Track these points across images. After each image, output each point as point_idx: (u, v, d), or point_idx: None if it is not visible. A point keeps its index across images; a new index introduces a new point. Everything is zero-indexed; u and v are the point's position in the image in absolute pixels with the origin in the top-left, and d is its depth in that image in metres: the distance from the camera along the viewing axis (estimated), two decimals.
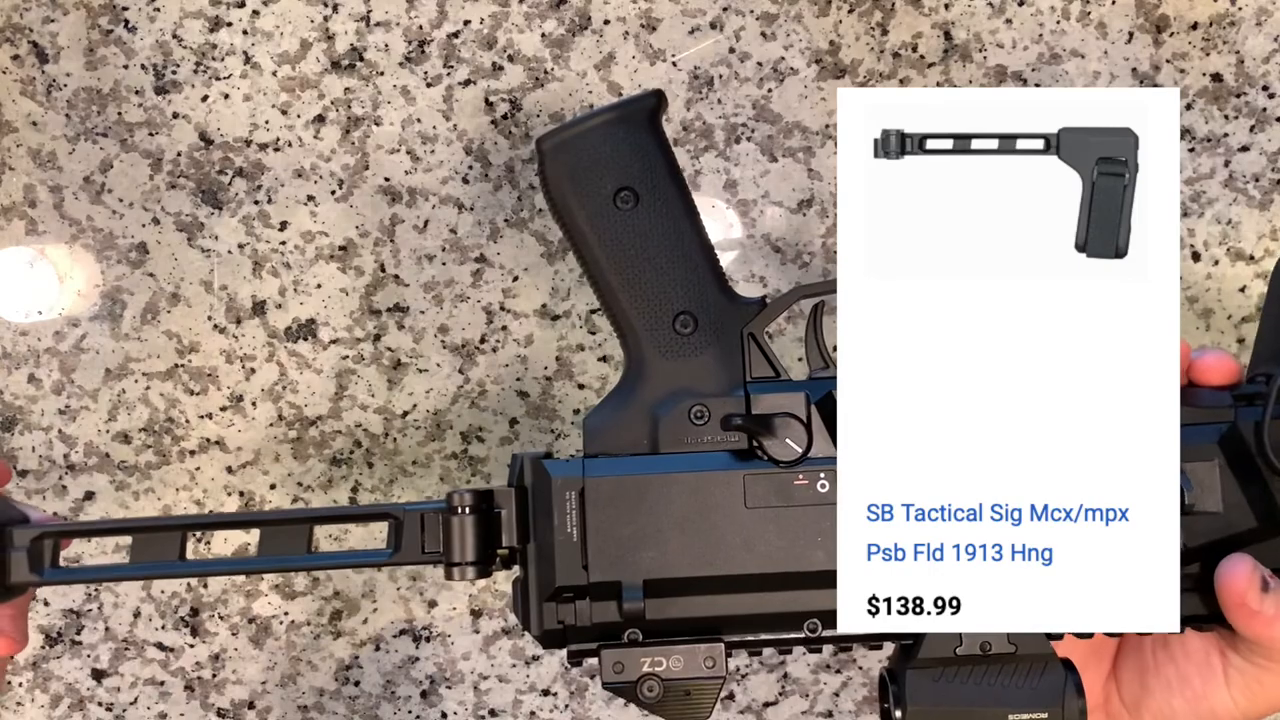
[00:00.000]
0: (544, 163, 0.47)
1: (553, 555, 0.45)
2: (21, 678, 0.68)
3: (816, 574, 0.45)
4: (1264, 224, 0.66)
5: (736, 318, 0.47)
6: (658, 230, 0.47)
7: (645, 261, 0.47)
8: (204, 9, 0.65)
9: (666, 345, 0.47)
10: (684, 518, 0.45)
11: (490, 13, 0.65)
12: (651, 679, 0.45)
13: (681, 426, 0.47)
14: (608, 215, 0.46)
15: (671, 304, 0.47)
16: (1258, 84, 0.66)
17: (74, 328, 0.66)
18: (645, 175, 0.46)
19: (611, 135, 0.47)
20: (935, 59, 0.66)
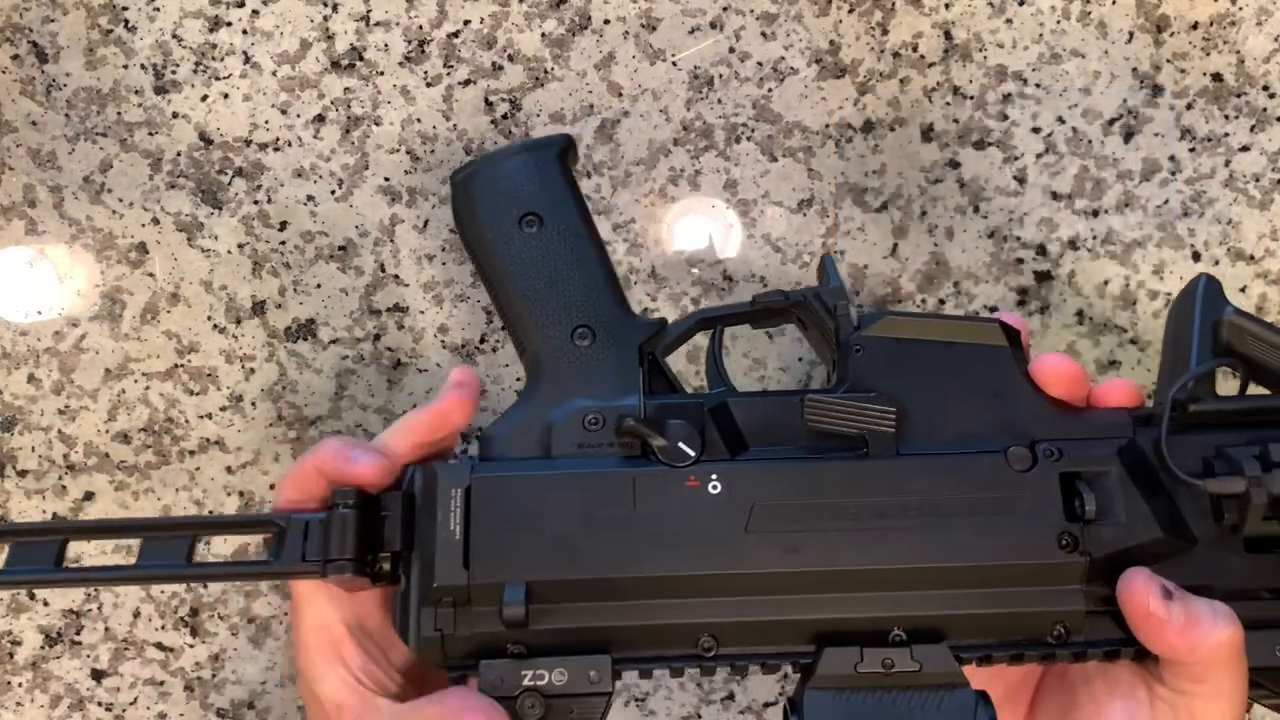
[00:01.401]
0: (456, 192, 0.50)
1: (433, 554, 0.44)
2: (21, 678, 0.68)
3: (707, 579, 0.44)
4: (1264, 224, 0.66)
5: (635, 334, 0.48)
6: (559, 251, 0.49)
7: (546, 278, 0.49)
8: (204, 9, 0.65)
9: (564, 355, 0.48)
10: (571, 519, 0.44)
11: (490, 12, 0.65)
12: (532, 694, 0.43)
13: (575, 432, 0.46)
14: (513, 237, 0.49)
15: (570, 317, 0.48)
16: (1258, 84, 0.66)
17: (74, 328, 0.66)
18: (549, 203, 0.49)
19: (520, 166, 0.50)
20: (935, 59, 0.66)
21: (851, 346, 0.47)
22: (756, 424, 0.47)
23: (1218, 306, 0.46)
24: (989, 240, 0.66)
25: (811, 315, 0.49)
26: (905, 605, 0.44)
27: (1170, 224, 0.66)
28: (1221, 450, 0.44)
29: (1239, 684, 0.42)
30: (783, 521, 0.44)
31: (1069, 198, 0.66)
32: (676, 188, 0.66)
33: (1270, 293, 0.66)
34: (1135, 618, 0.42)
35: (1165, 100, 0.66)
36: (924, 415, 0.46)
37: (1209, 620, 0.41)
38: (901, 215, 0.66)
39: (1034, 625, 0.44)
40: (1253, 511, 0.43)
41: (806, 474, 0.45)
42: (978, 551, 0.44)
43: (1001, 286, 0.66)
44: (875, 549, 0.44)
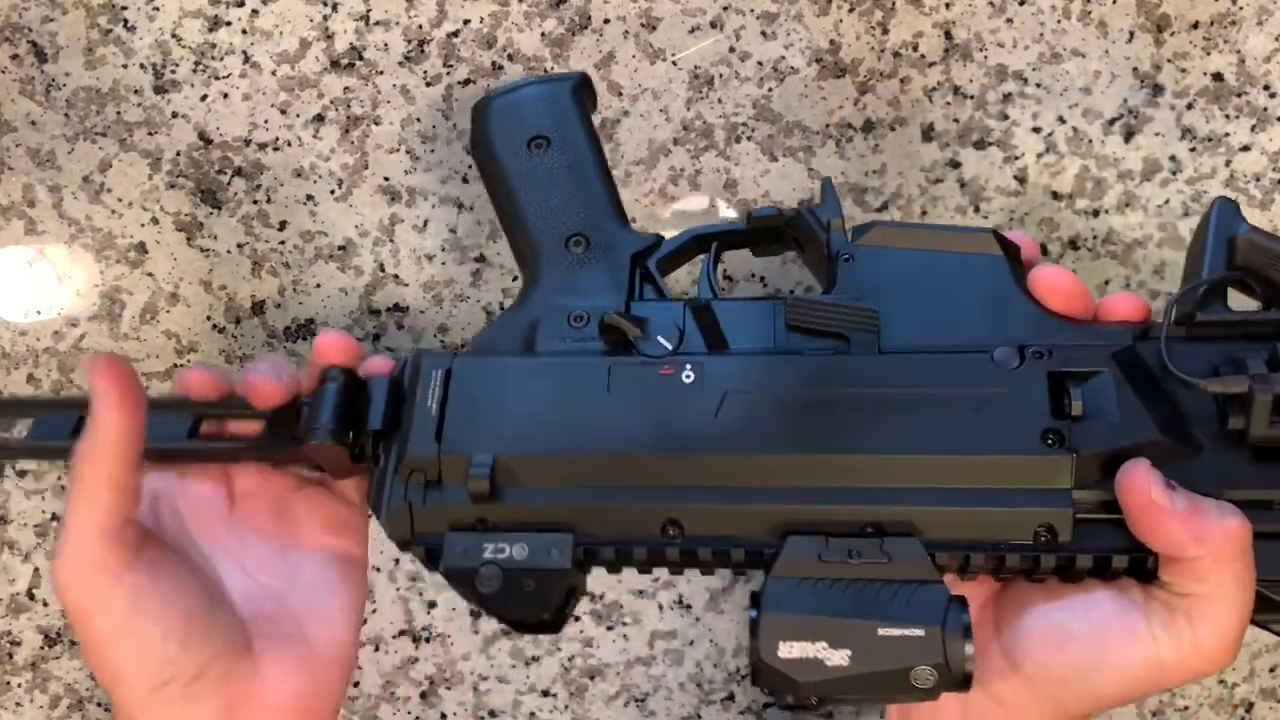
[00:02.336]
0: (475, 117, 0.53)
1: (410, 429, 0.45)
2: (21, 678, 0.68)
3: (673, 463, 0.43)
4: (1265, 223, 0.66)
5: (628, 245, 0.50)
6: (563, 169, 0.52)
7: (547, 191, 0.51)
8: (203, 8, 0.65)
9: (558, 260, 0.50)
10: (545, 402, 0.45)
11: (490, 12, 0.65)
12: (491, 566, 0.43)
13: (560, 328, 0.48)
14: (521, 157, 0.52)
15: (567, 226, 0.51)
16: (1259, 83, 0.66)
17: (73, 327, 0.66)
18: (558, 127, 0.52)
19: (535, 94, 0.53)
20: (936, 58, 0.65)
21: (841, 255, 0.47)
22: (739, 326, 0.47)
23: (1233, 224, 0.45)
24: None
25: (806, 230, 0.49)
26: (877, 498, 0.42)
27: (1171, 224, 0.66)
28: (1230, 355, 0.43)
29: (1243, 586, 0.40)
30: (754, 411, 0.44)
31: (1069, 197, 0.66)
32: (676, 188, 0.66)
33: None
34: (1135, 508, 0.40)
35: (1166, 100, 0.66)
36: (913, 321, 0.46)
37: (1215, 510, 0.39)
38: (902, 215, 0.66)
39: (1017, 525, 0.42)
40: (1257, 411, 0.41)
41: (782, 366, 0.45)
42: (956, 444, 0.42)
43: None
44: (847, 439, 0.43)
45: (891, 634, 0.40)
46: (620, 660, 0.69)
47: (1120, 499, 0.41)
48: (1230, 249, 0.44)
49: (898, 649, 0.40)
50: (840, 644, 0.40)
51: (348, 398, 0.47)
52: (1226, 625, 0.40)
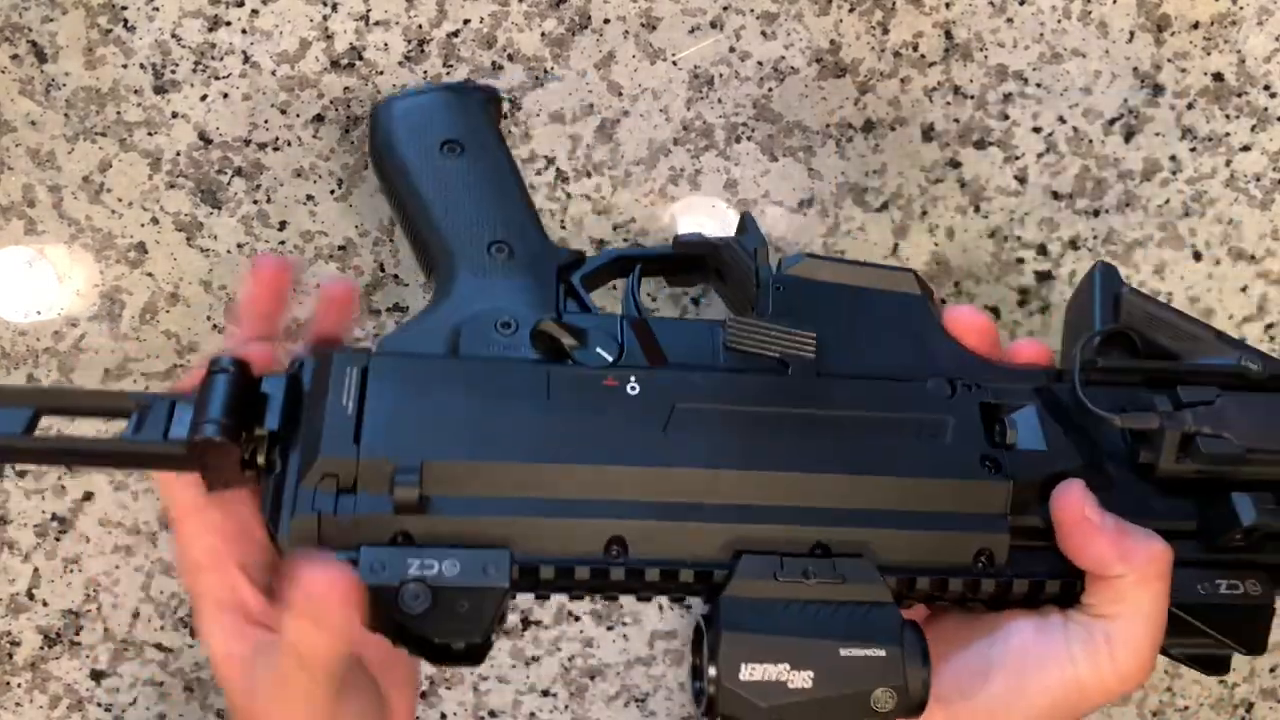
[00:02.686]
0: (376, 118, 0.51)
1: (320, 429, 0.40)
2: (20, 678, 0.68)
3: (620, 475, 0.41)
4: (1265, 224, 0.66)
5: (552, 257, 0.48)
6: (480, 175, 0.50)
7: (465, 196, 0.49)
8: (203, 8, 0.65)
9: (478, 265, 0.47)
10: (477, 405, 0.41)
11: (490, 12, 0.65)
12: (418, 584, 0.37)
13: (486, 334, 0.44)
14: (433, 159, 0.50)
15: (489, 232, 0.48)
16: (1259, 83, 0.66)
17: (73, 328, 0.66)
18: (471, 134, 0.50)
19: (444, 100, 0.51)
20: (936, 58, 0.65)
21: (771, 285, 0.47)
22: (677, 344, 0.46)
23: (1115, 283, 0.48)
24: (989, 240, 0.66)
25: (733, 258, 0.49)
26: (827, 519, 0.42)
27: (1171, 224, 0.66)
28: (1133, 398, 0.45)
29: (1160, 608, 0.41)
30: (703, 425, 0.42)
31: (1070, 197, 0.66)
32: (676, 188, 0.66)
33: (1271, 293, 0.66)
34: (1067, 523, 0.41)
35: (1166, 100, 0.66)
36: (845, 350, 0.46)
37: (1140, 533, 0.41)
38: (902, 215, 0.66)
39: (958, 549, 0.42)
40: (1166, 448, 0.43)
41: (730, 383, 0.44)
42: (902, 467, 0.43)
43: (1002, 286, 0.66)
44: (798, 458, 0.42)
45: (854, 654, 0.39)
46: (620, 660, 0.69)
47: (1054, 515, 0.42)
48: (1115, 306, 0.48)
49: (859, 670, 0.39)
50: (803, 665, 0.38)
51: (240, 391, 0.41)
52: (1143, 645, 0.41)
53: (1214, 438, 0.44)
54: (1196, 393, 0.45)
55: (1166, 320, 0.48)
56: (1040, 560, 0.43)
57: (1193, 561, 0.44)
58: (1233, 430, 0.44)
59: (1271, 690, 0.69)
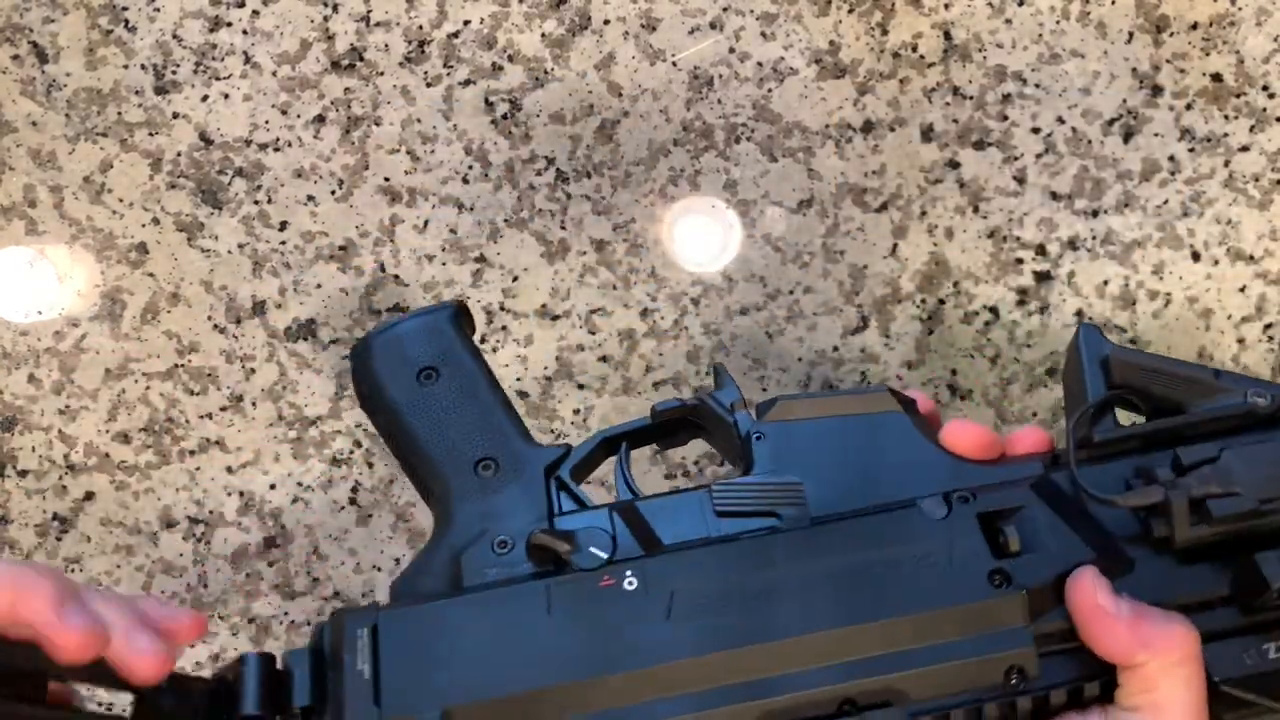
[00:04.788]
0: (355, 364, 0.52)
1: (343, 699, 0.41)
2: None
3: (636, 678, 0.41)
4: (1264, 224, 0.66)
5: (538, 460, 0.49)
6: (457, 396, 0.51)
7: (446, 421, 0.50)
8: (204, 9, 0.65)
9: (469, 488, 0.48)
10: (485, 640, 0.42)
11: (490, 13, 0.65)
12: None
13: (485, 558, 0.45)
14: (413, 392, 0.51)
15: (472, 452, 0.49)
16: (1257, 84, 0.66)
17: (74, 328, 0.66)
18: (444, 356, 0.52)
19: (413, 329, 0.52)
20: (935, 59, 0.66)
21: (753, 435, 0.47)
22: (668, 521, 0.46)
23: (1100, 345, 0.47)
24: (989, 240, 0.66)
25: (711, 416, 0.49)
26: (849, 674, 0.42)
27: (1170, 224, 0.66)
28: (1136, 468, 0.44)
29: (1193, 692, 0.40)
30: (707, 605, 0.43)
31: (1069, 198, 0.66)
32: (676, 188, 0.66)
33: (1269, 293, 0.67)
34: (1083, 614, 0.41)
35: (1165, 100, 0.66)
36: (834, 486, 0.46)
37: (1160, 617, 0.40)
38: (901, 215, 0.66)
39: (986, 673, 0.42)
40: (1177, 518, 0.42)
41: (724, 554, 0.44)
42: (912, 604, 0.42)
43: (1001, 286, 0.66)
44: (805, 619, 0.42)
45: None
46: None
47: (1070, 608, 0.41)
48: (1106, 369, 0.46)
49: None
50: None
51: (266, 678, 0.42)
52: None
53: (1224, 497, 0.42)
54: (1199, 451, 0.43)
55: (1161, 370, 0.46)
56: (1074, 661, 0.42)
57: (1234, 630, 0.42)
58: (1242, 484, 0.42)
59: None
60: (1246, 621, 0.42)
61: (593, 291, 0.66)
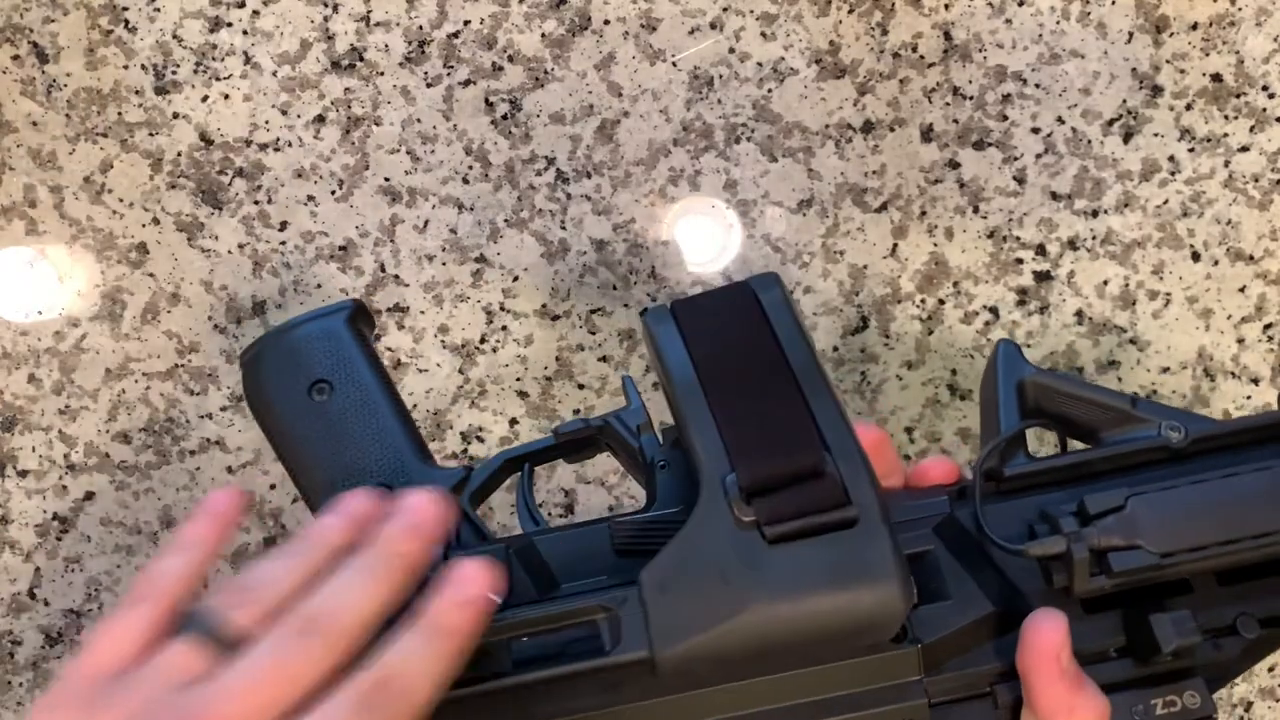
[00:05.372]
0: (245, 372, 0.49)
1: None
2: (21, 678, 0.68)
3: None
4: (1264, 224, 0.66)
5: (435, 484, 0.46)
6: (351, 414, 0.48)
7: (339, 442, 0.47)
8: (204, 9, 0.65)
9: None
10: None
11: (490, 13, 0.65)
12: None
13: None
14: (303, 407, 0.48)
15: (367, 477, 0.47)
16: (1257, 84, 0.66)
17: (74, 328, 0.66)
18: (338, 368, 0.48)
19: (306, 336, 0.49)
20: (935, 59, 0.66)
21: (657, 464, 0.45)
22: (566, 558, 0.44)
23: (1018, 367, 0.45)
24: (989, 240, 0.66)
25: (616, 439, 0.47)
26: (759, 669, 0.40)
27: (1170, 224, 0.66)
28: (1042, 511, 0.42)
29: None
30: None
31: (1068, 198, 0.66)
32: (676, 188, 0.66)
33: (1269, 293, 0.67)
34: (1036, 660, 0.40)
35: (1165, 100, 0.66)
36: None
37: (1092, 688, 0.40)
38: (901, 215, 0.66)
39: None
40: (1078, 569, 0.40)
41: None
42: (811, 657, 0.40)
43: (1001, 287, 0.66)
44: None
45: None
46: None
47: (1025, 641, 0.40)
48: (1021, 394, 0.45)
49: None
50: None
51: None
52: None
53: (1126, 550, 0.41)
54: (1105, 499, 0.41)
55: (1078, 397, 0.45)
56: (968, 713, 0.41)
57: (1125, 683, 0.42)
58: (1146, 535, 0.41)
59: (1271, 690, 0.69)
60: (1137, 674, 0.42)
61: (593, 291, 0.66)
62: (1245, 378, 0.67)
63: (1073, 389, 0.45)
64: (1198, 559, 0.41)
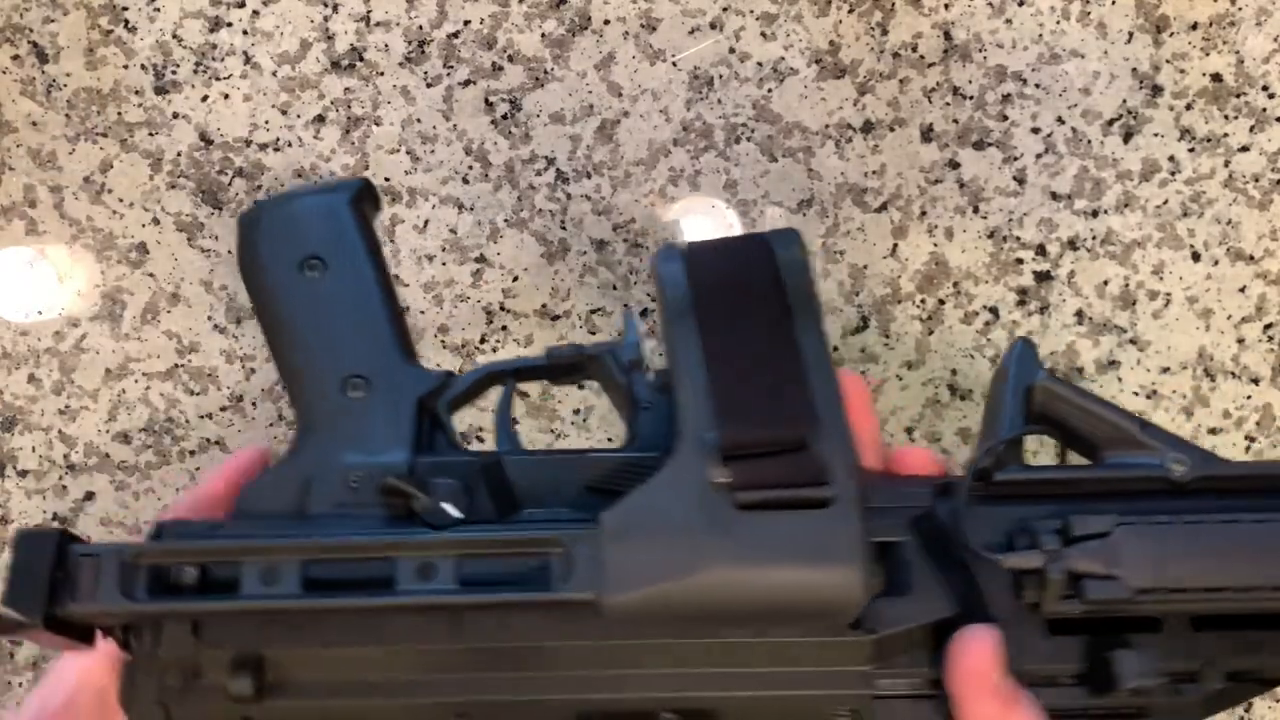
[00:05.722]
0: (241, 233, 0.47)
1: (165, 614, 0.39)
2: (22, 678, 0.68)
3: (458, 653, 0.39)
4: (1264, 224, 0.66)
5: (414, 386, 0.44)
6: (340, 295, 0.45)
7: (323, 323, 0.45)
8: (204, 9, 0.65)
9: (334, 406, 0.44)
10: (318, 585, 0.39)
11: (490, 13, 0.65)
12: None
13: (336, 489, 0.42)
14: (293, 281, 0.46)
15: (344, 365, 0.44)
16: (1257, 84, 0.66)
17: (74, 328, 0.66)
18: (335, 246, 0.46)
19: (308, 208, 0.47)
20: (935, 59, 0.66)
21: (641, 404, 0.43)
22: (534, 485, 0.42)
23: (1030, 371, 0.44)
24: (989, 240, 0.66)
25: (605, 372, 0.45)
26: (677, 684, 0.39)
27: (1170, 224, 0.66)
28: (1025, 523, 0.41)
29: None
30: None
31: (1069, 198, 0.66)
32: (676, 188, 0.66)
33: (1269, 293, 0.67)
34: (964, 675, 0.38)
35: (1165, 100, 0.66)
36: None
37: (1031, 708, 0.38)
38: (901, 215, 0.66)
39: (817, 709, 0.40)
40: (1049, 590, 0.39)
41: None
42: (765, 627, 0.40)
43: (1001, 286, 0.66)
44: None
45: None
46: None
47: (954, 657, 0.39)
48: (1028, 398, 0.44)
49: None
50: None
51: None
52: None
53: (1103, 579, 0.39)
54: (1092, 522, 0.40)
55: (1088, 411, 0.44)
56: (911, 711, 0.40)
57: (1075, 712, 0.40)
58: (1126, 568, 0.39)
59: None
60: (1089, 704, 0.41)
61: (593, 291, 0.66)
62: (1245, 378, 0.67)
63: (1083, 401, 0.43)
64: (1175, 601, 0.39)
